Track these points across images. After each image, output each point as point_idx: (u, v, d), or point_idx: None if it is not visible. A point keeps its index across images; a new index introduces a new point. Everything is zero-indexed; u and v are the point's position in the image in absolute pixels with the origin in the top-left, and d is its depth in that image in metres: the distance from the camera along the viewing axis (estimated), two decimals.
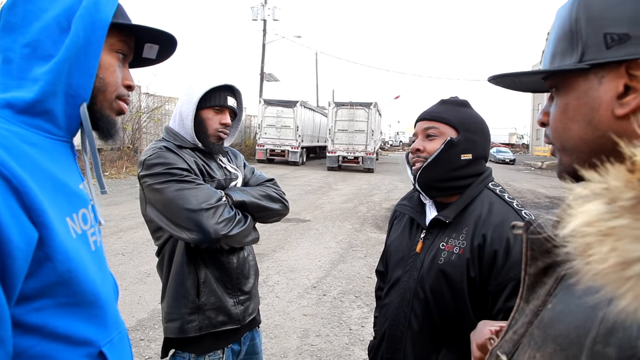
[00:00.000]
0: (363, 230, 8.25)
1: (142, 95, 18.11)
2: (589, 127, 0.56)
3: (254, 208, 1.75)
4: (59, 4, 0.86)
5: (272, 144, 22.25)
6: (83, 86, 0.88)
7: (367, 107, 21.09)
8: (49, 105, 0.84)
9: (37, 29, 0.84)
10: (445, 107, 1.48)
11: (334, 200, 11.66)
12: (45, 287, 0.76)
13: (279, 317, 4.28)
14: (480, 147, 1.44)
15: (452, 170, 1.41)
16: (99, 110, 0.94)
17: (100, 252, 0.96)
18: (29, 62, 0.84)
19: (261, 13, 28.22)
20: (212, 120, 1.76)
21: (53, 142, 0.87)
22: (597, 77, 0.54)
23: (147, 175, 1.63)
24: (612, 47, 0.52)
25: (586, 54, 0.55)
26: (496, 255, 1.31)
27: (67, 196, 0.85)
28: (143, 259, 5.76)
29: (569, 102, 0.58)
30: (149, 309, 4.31)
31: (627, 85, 0.52)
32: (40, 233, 0.74)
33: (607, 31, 0.53)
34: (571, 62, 0.56)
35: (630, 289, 0.37)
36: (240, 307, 1.79)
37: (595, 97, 0.55)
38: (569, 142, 0.59)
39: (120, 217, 8.15)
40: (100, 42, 0.88)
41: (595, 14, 0.54)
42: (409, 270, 1.46)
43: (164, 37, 1.04)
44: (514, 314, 0.65)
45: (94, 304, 0.85)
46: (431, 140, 1.44)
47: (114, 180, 13.44)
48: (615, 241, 0.38)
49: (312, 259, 6.27)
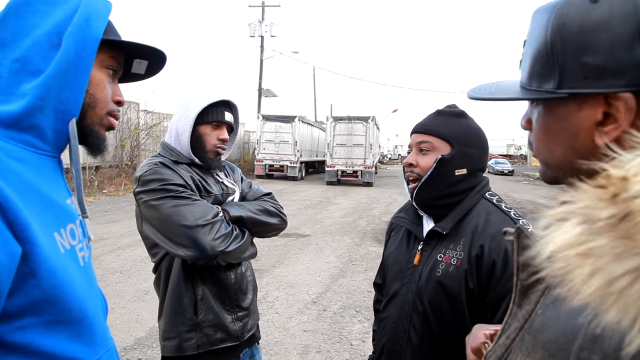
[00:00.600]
0: (363, 244, 8.21)
1: (141, 112, 18.17)
2: (571, 151, 0.56)
3: (251, 223, 1.74)
4: (49, 20, 0.87)
5: (270, 160, 22.27)
6: (73, 101, 0.88)
7: (365, 121, 21.17)
8: (36, 120, 0.84)
9: (28, 44, 0.85)
10: (440, 118, 1.45)
11: (334, 215, 11.63)
12: (30, 305, 0.75)
13: (278, 334, 4.23)
14: (476, 160, 1.43)
15: (448, 187, 1.39)
16: (88, 126, 0.94)
17: (89, 267, 0.94)
18: (17, 77, 0.84)
19: (258, 29, 28.51)
20: (210, 136, 1.75)
21: (40, 157, 0.86)
22: (576, 104, 0.54)
23: (142, 191, 1.61)
24: (590, 78, 0.51)
25: (563, 81, 0.54)
26: (494, 265, 1.30)
27: (54, 211, 0.84)
28: (141, 277, 5.71)
29: (550, 126, 0.58)
30: (147, 327, 4.26)
31: (605, 112, 0.52)
32: (25, 248, 0.72)
33: (583, 60, 0.52)
34: (549, 87, 0.55)
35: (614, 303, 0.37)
36: (239, 324, 1.77)
37: (575, 124, 0.54)
38: (553, 162, 0.59)
39: (119, 235, 8.11)
40: (90, 58, 0.89)
41: (571, 40, 0.53)
42: (407, 283, 1.44)
43: (153, 53, 1.05)
44: (507, 319, 0.65)
45: (81, 321, 0.84)
46: (425, 155, 1.42)
47: (112, 197, 13.41)
48: (595, 262, 0.38)
49: (312, 274, 6.23)
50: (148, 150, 18.07)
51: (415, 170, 1.43)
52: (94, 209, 11.17)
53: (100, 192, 13.87)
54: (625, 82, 0.49)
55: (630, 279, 0.37)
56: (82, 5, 0.89)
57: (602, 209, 0.39)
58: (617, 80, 0.49)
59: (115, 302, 4.81)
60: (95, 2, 0.92)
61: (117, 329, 4.20)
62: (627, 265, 0.37)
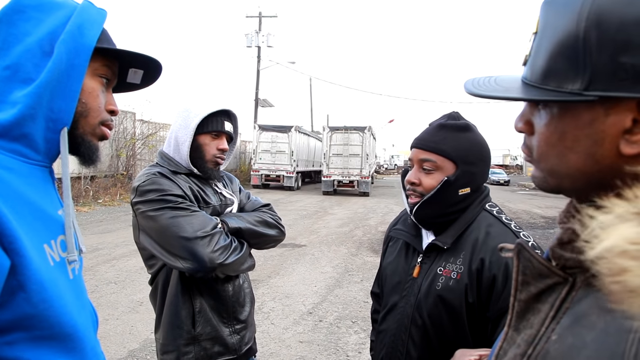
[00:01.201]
0: (359, 254, 8.18)
1: (137, 121, 18.15)
2: (590, 160, 0.50)
3: (250, 235, 1.72)
4: (42, 28, 0.85)
5: (267, 169, 22.26)
6: (65, 110, 0.86)
7: (362, 131, 21.23)
8: (27, 129, 0.82)
9: (19, 52, 0.83)
10: (443, 134, 1.37)
11: (330, 225, 11.61)
12: (19, 319, 0.73)
13: (274, 345, 4.19)
14: (479, 177, 1.39)
15: (450, 206, 1.37)
16: (80, 135, 0.92)
17: (79, 280, 0.92)
18: (8, 85, 0.82)
19: (255, 40, 28.64)
20: (210, 145, 1.74)
21: (31, 167, 0.84)
22: (604, 108, 0.48)
23: (140, 201, 1.59)
24: (626, 80, 0.45)
25: (594, 82, 0.47)
26: (495, 279, 1.27)
27: (45, 222, 0.82)
28: (136, 288, 5.66)
29: (568, 131, 0.52)
30: (141, 339, 4.21)
31: (635, 119, 0.46)
32: (13, 261, 0.71)
33: (623, 59, 0.45)
34: (574, 87, 0.48)
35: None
36: (237, 337, 1.75)
37: (600, 130, 0.48)
38: (563, 170, 0.53)
39: (113, 245, 8.05)
40: (83, 66, 0.87)
41: (612, 35, 0.45)
42: (405, 295, 1.42)
43: (148, 62, 1.03)
44: (501, 343, 0.60)
45: (71, 336, 0.81)
46: (428, 174, 1.37)
47: (107, 207, 13.33)
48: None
49: (308, 284, 6.19)
50: (144, 160, 18.02)
51: (417, 190, 1.39)
52: (89, 219, 11.10)
53: (95, 202, 13.79)
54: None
55: None
56: (75, 13, 0.88)
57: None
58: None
59: (109, 313, 4.76)
60: (89, 10, 0.91)
61: (110, 340, 4.15)
62: None
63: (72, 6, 0.90)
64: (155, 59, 1.03)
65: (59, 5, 0.89)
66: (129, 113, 17.40)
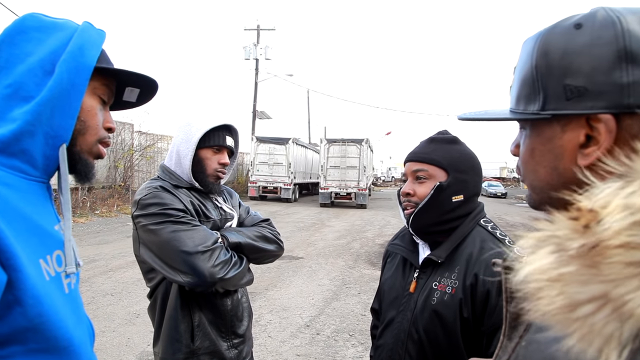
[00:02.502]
0: (356, 267, 8.17)
1: (135, 133, 18.17)
2: (555, 172, 0.58)
3: (249, 249, 1.73)
4: (44, 48, 0.88)
5: (264, 181, 22.26)
6: (64, 127, 0.88)
7: (359, 143, 21.29)
8: (26, 145, 0.84)
9: (21, 71, 0.86)
10: (433, 146, 1.45)
11: (327, 237, 11.59)
12: (15, 333, 0.74)
13: (271, 358, 4.17)
14: (472, 186, 1.44)
15: (445, 214, 1.40)
16: (77, 153, 0.95)
17: (75, 294, 0.93)
18: (9, 102, 0.85)
19: (253, 52, 28.81)
20: (211, 160, 1.76)
21: (29, 182, 0.86)
22: (560, 125, 0.56)
23: (141, 215, 1.60)
24: (572, 99, 0.54)
25: (547, 103, 0.56)
26: (489, 294, 1.29)
27: (41, 238, 0.84)
28: (133, 300, 5.64)
29: (536, 147, 0.60)
30: (138, 351, 4.19)
31: (588, 135, 0.54)
32: (10, 276, 0.72)
33: (565, 83, 0.54)
34: (534, 108, 0.58)
35: (577, 330, 0.40)
36: (234, 351, 1.75)
37: (559, 146, 0.56)
38: (537, 184, 0.61)
39: (110, 256, 8.01)
40: (83, 85, 0.90)
41: (554, 63, 0.55)
42: (402, 310, 1.44)
43: (145, 81, 1.07)
44: (497, 351, 0.65)
45: (67, 349, 0.83)
46: (421, 183, 1.43)
47: (104, 218, 13.30)
48: (563, 286, 0.41)
49: (305, 297, 6.17)
50: (142, 172, 18.01)
51: (412, 200, 1.43)
52: (85, 230, 11.06)
53: (92, 213, 13.75)
54: (605, 104, 0.52)
55: (595, 307, 0.39)
56: (76, 34, 0.91)
57: (574, 239, 0.42)
58: (598, 102, 0.52)
59: (106, 325, 4.73)
60: (89, 31, 0.94)
61: (107, 353, 4.12)
62: (592, 292, 0.39)
63: (73, 27, 0.93)
64: (151, 78, 1.06)
65: (60, 26, 0.92)
66: (127, 124, 17.42)
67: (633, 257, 0.38)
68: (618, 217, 0.39)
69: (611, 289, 0.38)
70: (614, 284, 0.38)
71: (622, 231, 0.38)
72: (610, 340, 0.38)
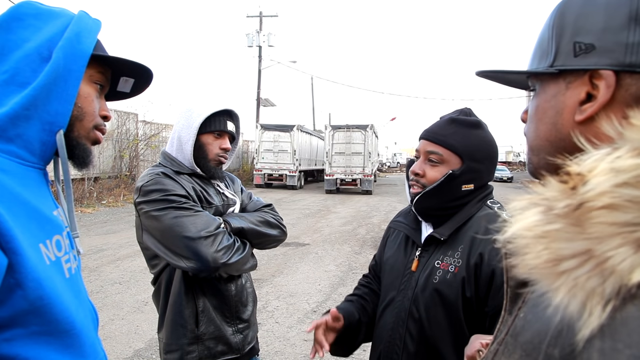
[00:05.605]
0: (363, 252, 8.19)
1: (139, 122, 18.20)
2: (554, 129, 0.59)
3: (252, 235, 1.73)
4: (40, 35, 0.89)
5: (269, 169, 22.28)
6: (61, 113, 0.89)
7: (364, 129, 21.22)
8: (22, 130, 0.85)
9: (18, 57, 0.86)
10: (453, 128, 1.37)
11: (333, 223, 11.62)
12: (17, 316, 0.75)
13: (279, 344, 4.21)
14: (484, 176, 1.39)
15: (451, 201, 1.37)
16: (75, 138, 0.95)
17: (77, 279, 0.95)
18: (5, 87, 0.85)
19: (256, 40, 28.65)
20: (212, 145, 1.75)
21: (26, 168, 0.87)
22: (565, 83, 0.58)
23: (144, 201, 1.60)
24: (579, 56, 0.56)
25: (557, 59, 0.58)
26: (494, 274, 1.27)
27: (40, 222, 0.84)
28: (140, 288, 5.69)
29: (539, 104, 0.62)
30: (147, 338, 4.23)
31: (589, 93, 0.55)
32: (10, 259, 0.73)
33: (576, 40, 0.56)
34: (545, 65, 0.60)
35: (563, 284, 0.41)
36: (239, 336, 1.76)
37: (561, 102, 0.58)
38: (536, 142, 0.63)
39: (118, 246, 8.08)
40: (80, 71, 0.91)
41: (568, 23, 0.58)
42: (403, 289, 1.42)
43: (140, 71, 1.07)
44: (499, 325, 0.67)
45: (69, 332, 0.83)
46: (433, 166, 1.38)
47: (111, 208, 13.38)
48: (548, 242, 0.43)
49: (312, 282, 6.20)
50: (147, 161, 18.07)
51: (421, 181, 1.40)
52: (92, 220, 11.15)
53: (99, 203, 13.84)
54: (609, 61, 0.53)
55: (578, 261, 0.40)
56: (73, 22, 0.92)
57: (560, 200, 0.44)
58: (602, 59, 0.54)
59: (115, 314, 4.78)
60: (86, 19, 0.95)
61: (116, 340, 4.17)
62: (575, 248, 0.41)
63: (70, 15, 0.94)
64: (148, 67, 1.07)
65: (57, 14, 0.93)
66: (131, 114, 17.44)
67: (616, 217, 0.39)
68: (602, 179, 0.41)
69: (594, 246, 0.40)
70: (597, 241, 0.40)
71: (605, 192, 0.40)
72: (593, 294, 0.39)
